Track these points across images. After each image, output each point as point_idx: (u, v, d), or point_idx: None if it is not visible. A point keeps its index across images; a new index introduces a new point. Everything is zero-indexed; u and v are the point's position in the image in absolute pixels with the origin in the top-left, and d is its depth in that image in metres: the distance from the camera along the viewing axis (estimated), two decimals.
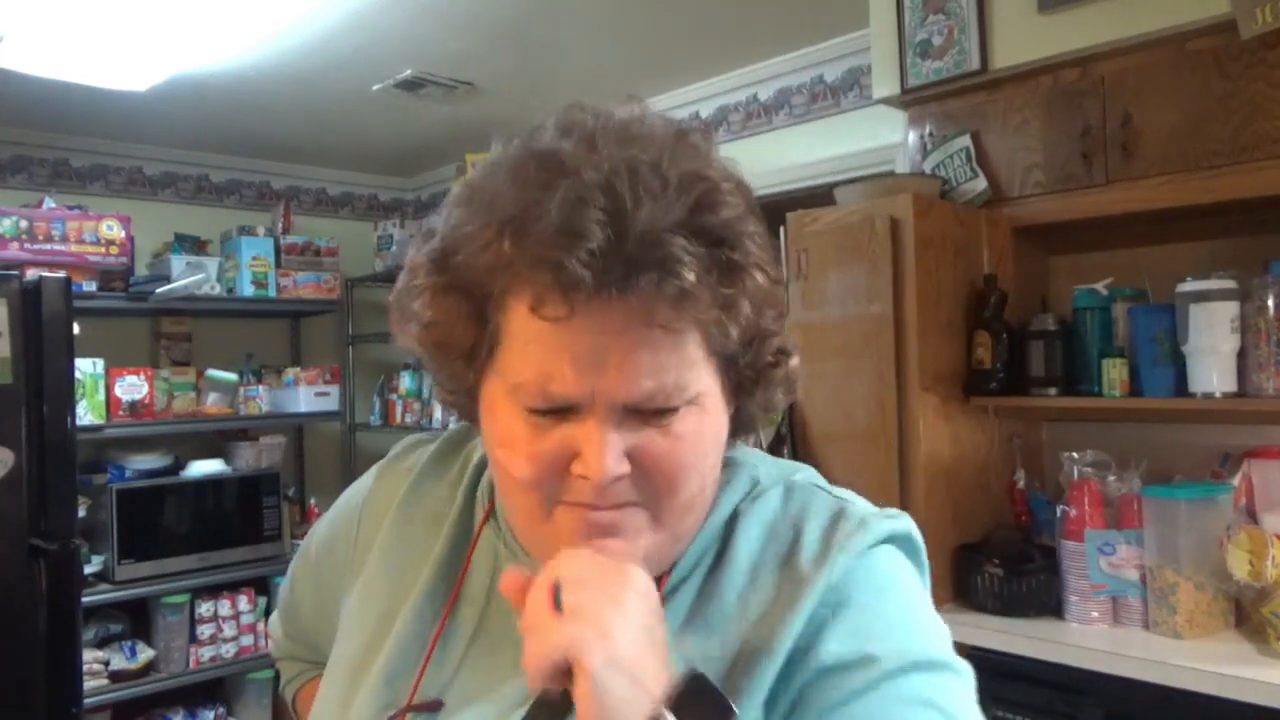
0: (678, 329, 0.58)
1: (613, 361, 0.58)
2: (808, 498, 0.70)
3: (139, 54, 2.80)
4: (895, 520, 0.67)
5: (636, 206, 0.56)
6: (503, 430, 0.63)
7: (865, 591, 0.63)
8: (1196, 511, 1.87)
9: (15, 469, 2.53)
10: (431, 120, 3.65)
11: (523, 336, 0.60)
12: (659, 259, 0.55)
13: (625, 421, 0.60)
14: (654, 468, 0.61)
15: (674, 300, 0.56)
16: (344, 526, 0.83)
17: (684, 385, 0.60)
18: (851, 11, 2.61)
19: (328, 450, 4.31)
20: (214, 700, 3.67)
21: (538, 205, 0.56)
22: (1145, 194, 1.96)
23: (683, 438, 0.61)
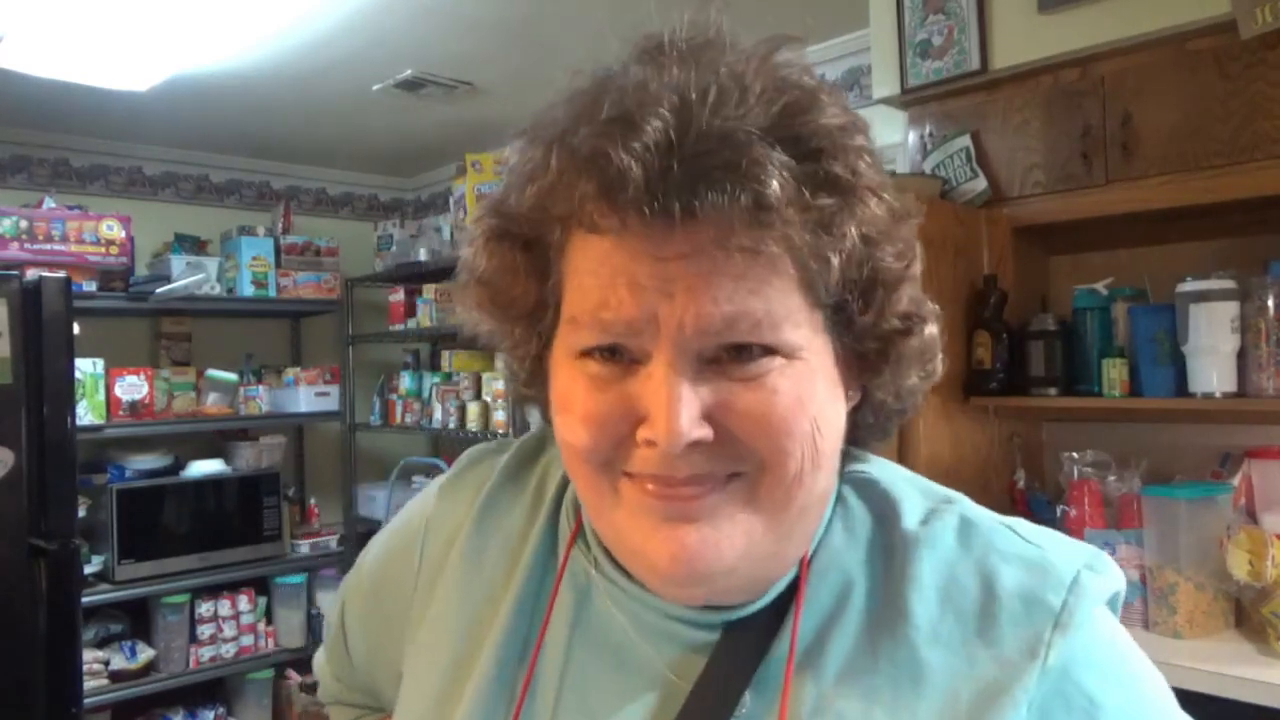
0: (764, 252, 0.47)
1: (680, 287, 0.47)
2: (992, 538, 0.56)
3: (139, 54, 2.80)
4: (1106, 576, 0.54)
5: (708, 106, 0.46)
6: (561, 392, 0.53)
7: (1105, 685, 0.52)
8: (1196, 511, 1.87)
9: (15, 469, 2.53)
10: (431, 120, 3.65)
11: (578, 270, 0.51)
12: (733, 164, 0.45)
13: (703, 375, 0.49)
14: (741, 428, 0.49)
15: (754, 214, 0.46)
16: (402, 555, 0.69)
17: (776, 322, 0.48)
18: (851, 11, 2.61)
19: (328, 450, 4.31)
20: (214, 700, 3.67)
21: (590, 110, 0.49)
22: (1145, 194, 1.96)
23: (779, 389, 0.49)
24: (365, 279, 4.16)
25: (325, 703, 0.85)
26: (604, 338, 0.50)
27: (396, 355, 4.37)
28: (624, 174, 0.46)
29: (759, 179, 0.46)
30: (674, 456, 0.48)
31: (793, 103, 0.49)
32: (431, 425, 3.74)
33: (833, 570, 0.56)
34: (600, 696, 0.57)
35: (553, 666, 0.59)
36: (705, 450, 0.49)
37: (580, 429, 0.51)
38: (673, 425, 0.47)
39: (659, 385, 0.48)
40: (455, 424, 3.60)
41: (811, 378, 0.51)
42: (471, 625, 0.62)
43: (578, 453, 0.52)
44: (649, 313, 0.48)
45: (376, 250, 4.14)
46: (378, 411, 4.09)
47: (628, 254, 0.48)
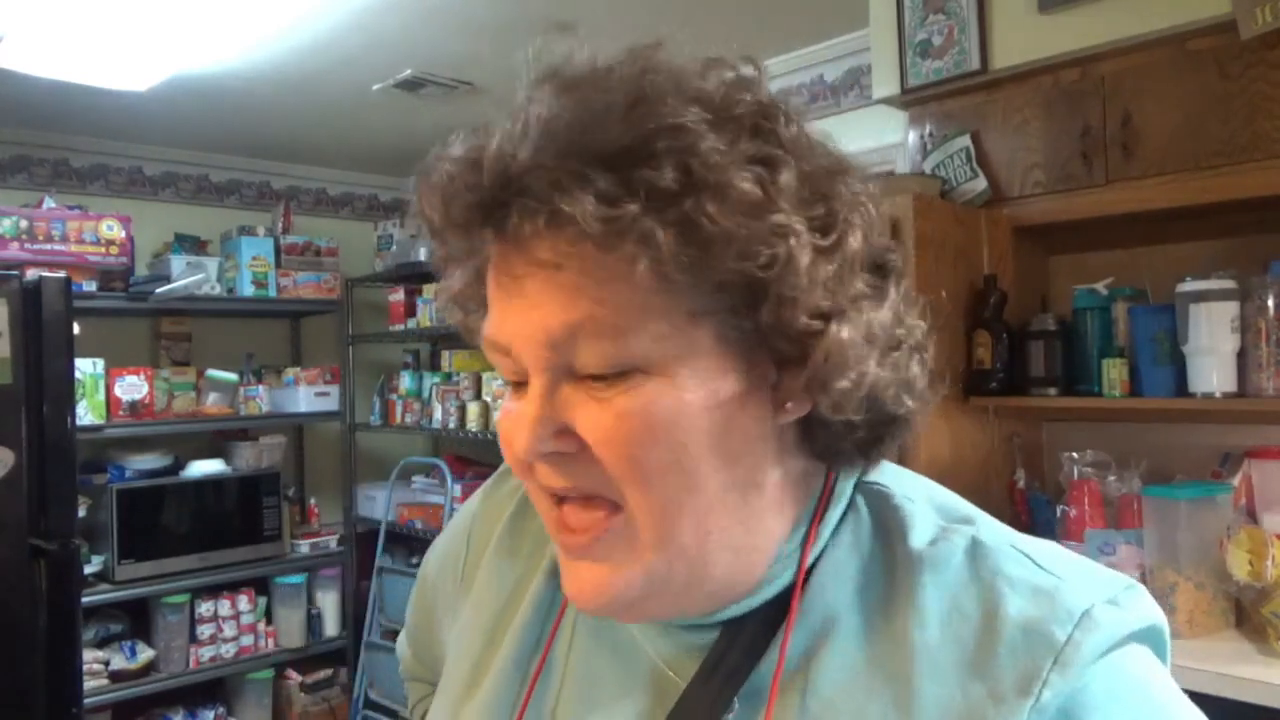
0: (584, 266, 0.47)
1: (522, 304, 0.49)
2: (1003, 563, 0.51)
3: (139, 54, 2.80)
4: (1129, 611, 0.49)
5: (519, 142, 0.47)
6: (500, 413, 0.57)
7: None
8: (1196, 511, 1.87)
9: (15, 469, 2.53)
10: (431, 120, 3.65)
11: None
12: (543, 190, 0.46)
13: (569, 392, 0.49)
14: (597, 448, 0.49)
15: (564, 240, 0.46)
16: (453, 550, 0.75)
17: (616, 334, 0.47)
18: (851, 11, 2.61)
19: (328, 450, 4.31)
20: (214, 700, 3.67)
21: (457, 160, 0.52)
22: (1145, 194, 1.96)
23: (630, 414, 0.48)
24: (365, 279, 4.16)
25: (405, 678, 0.91)
26: (495, 357, 0.53)
27: (396, 355, 4.36)
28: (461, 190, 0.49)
29: (566, 195, 0.45)
30: (543, 469, 0.51)
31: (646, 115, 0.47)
32: (431, 425, 3.74)
33: (833, 581, 0.54)
34: (601, 688, 0.59)
35: (561, 656, 0.62)
36: (581, 464, 0.50)
37: (506, 450, 0.53)
38: (522, 438, 0.50)
39: (524, 399, 0.50)
40: (455, 424, 3.60)
41: (677, 391, 0.48)
42: (499, 615, 0.66)
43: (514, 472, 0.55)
44: (509, 333, 0.50)
45: (376, 250, 4.14)
46: (378, 411, 4.09)
47: (495, 275, 0.51)
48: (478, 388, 3.60)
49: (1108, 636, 0.48)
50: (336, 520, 4.16)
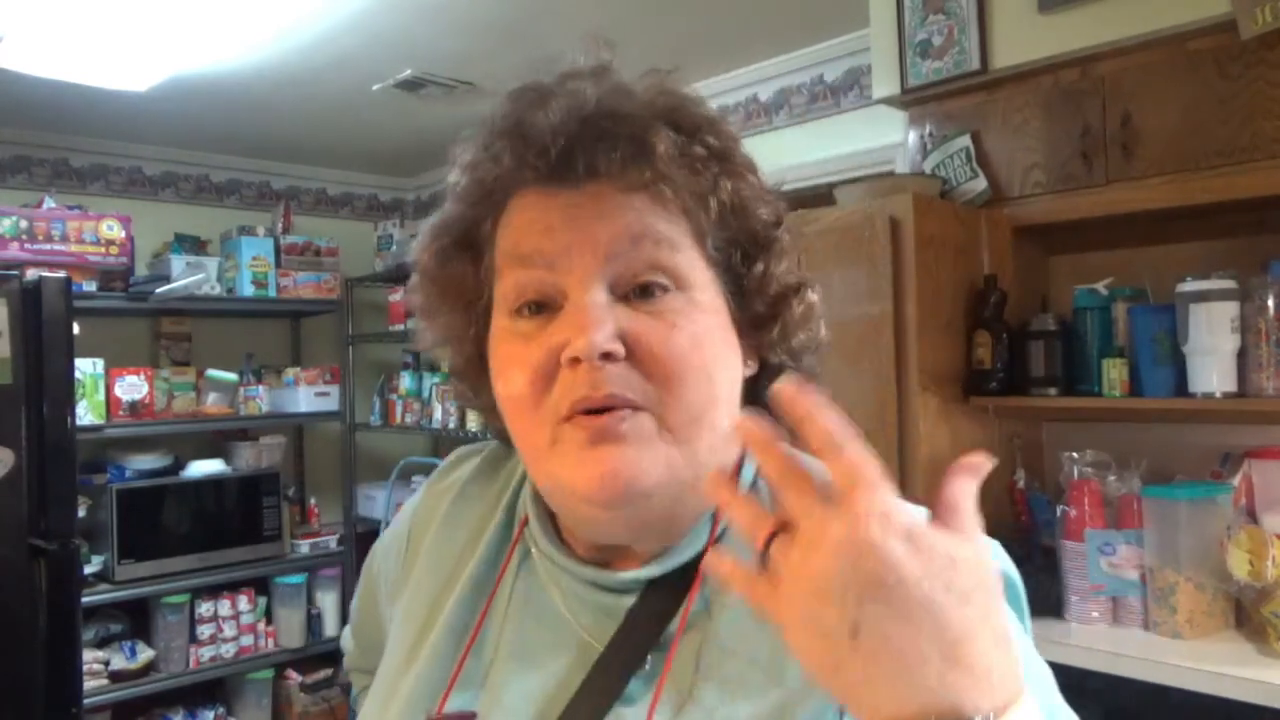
0: (656, 190, 0.57)
1: (589, 221, 0.57)
2: None
3: (139, 54, 2.80)
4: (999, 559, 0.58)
5: (604, 97, 0.58)
6: (498, 358, 0.61)
7: None
8: (1196, 511, 1.87)
9: (15, 469, 2.53)
10: (431, 120, 3.65)
11: (504, 232, 0.61)
12: (626, 130, 0.56)
13: (614, 304, 0.57)
14: (649, 354, 0.56)
15: (644, 166, 0.56)
16: (396, 542, 0.80)
17: (675, 246, 0.57)
18: (851, 11, 2.61)
19: (328, 450, 4.31)
20: (214, 700, 3.67)
21: (508, 101, 0.60)
22: (1145, 194, 1.96)
23: (679, 325, 0.57)
24: (365, 279, 4.16)
25: (348, 669, 0.96)
26: (524, 274, 0.58)
27: (396, 355, 4.36)
28: (534, 130, 0.57)
29: (647, 137, 0.57)
30: (594, 371, 0.55)
31: (673, 101, 0.60)
32: (431, 425, 3.74)
33: (736, 544, 0.58)
34: (532, 654, 0.65)
35: (496, 631, 0.68)
36: (619, 370, 0.55)
37: (517, 377, 0.58)
38: (590, 335, 0.54)
39: (577, 308, 0.56)
40: (455, 424, 3.60)
41: (707, 321, 0.58)
42: (436, 595, 0.71)
43: (518, 402, 0.59)
44: (563, 245, 0.57)
45: (376, 250, 4.14)
46: (378, 411, 4.10)
47: (541, 206, 0.58)
48: None
49: None
50: (336, 520, 4.17)
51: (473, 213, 0.63)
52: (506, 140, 0.59)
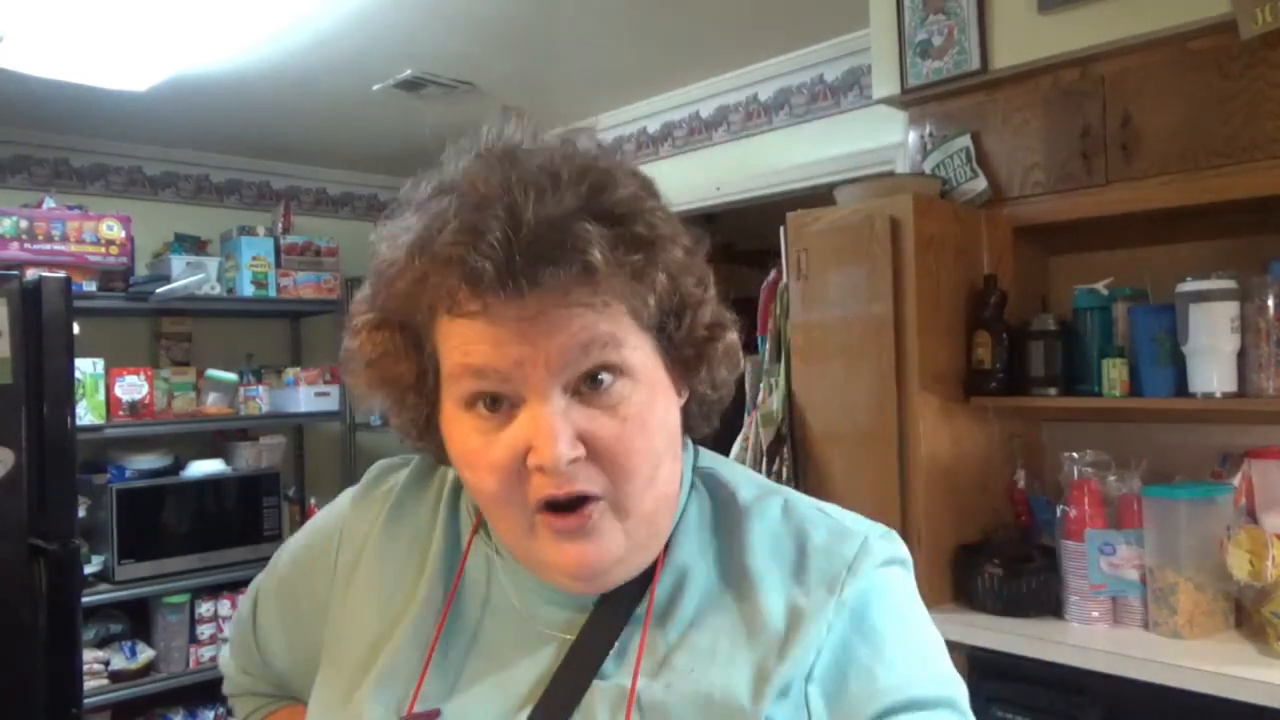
0: (597, 304, 0.60)
1: (538, 335, 0.59)
2: (806, 513, 0.71)
3: (139, 54, 2.80)
4: (892, 543, 0.69)
5: (532, 201, 0.59)
6: (459, 448, 0.64)
7: (888, 622, 0.65)
8: (1196, 511, 1.87)
9: (15, 469, 2.52)
10: (431, 120, 3.65)
11: (450, 338, 0.62)
12: (561, 243, 0.58)
13: (570, 406, 0.61)
14: (607, 451, 0.61)
15: (585, 279, 0.59)
16: (319, 556, 0.81)
17: (619, 342, 0.61)
18: (851, 11, 2.61)
19: (328, 450, 4.31)
20: (214, 700, 3.67)
21: (439, 219, 0.61)
22: (1145, 194, 1.96)
23: (630, 417, 0.62)
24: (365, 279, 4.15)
25: (232, 694, 0.94)
26: (481, 384, 0.61)
27: None
28: (479, 270, 0.57)
29: (584, 250, 0.58)
30: (559, 474, 0.60)
31: (595, 183, 0.61)
32: None
33: (686, 543, 0.70)
34: (503, 652, 0.69)
35: (462, 633, 0.71)
36: (580, 468, 0.61)
37: (487, 477, 0.62)
38: (555, 448, 0.59)
39: (539, 419, 0.60)
40: None
41: (652, 396, 0.64)
42: (386, 607, 0.73)
43: (493, 498, 0.63)
44: (515, 360, 0.60)
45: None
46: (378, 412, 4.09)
47: (489, 321, 0.59)
48: None
49: (879, 555, 0.67)
50: None
51: (409, 311, 0.64)
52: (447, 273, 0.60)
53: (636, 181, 0.65)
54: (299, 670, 0.82)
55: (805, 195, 2.91)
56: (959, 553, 2.11)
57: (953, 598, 2.10)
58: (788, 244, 2.29)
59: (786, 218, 2.30)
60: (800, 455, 2.25)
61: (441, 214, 0.61)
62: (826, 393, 2.18)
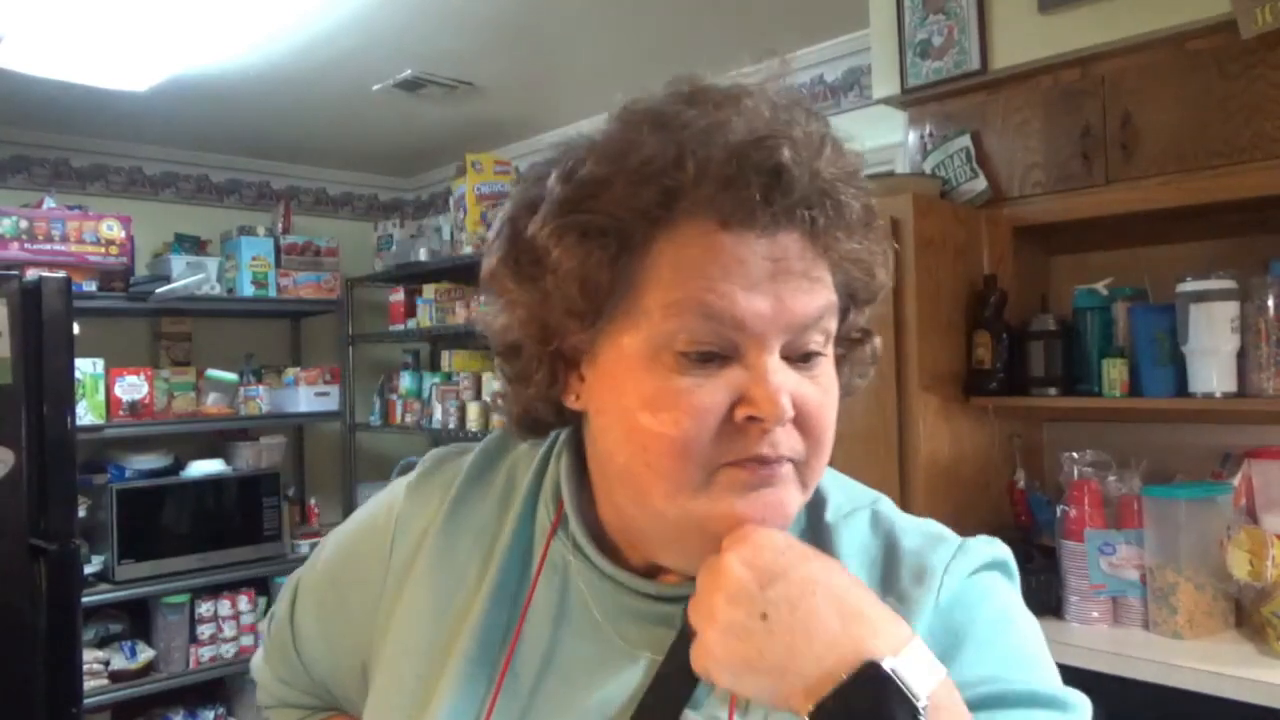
0: (840, 262, 0.59)
1: (782, 288, 0.56)
2: (895, 522, 0.67)
3: (139, 54, 2.80)
4: (995, 546, 0.65)
5: (806, 153, 0.56)
6: (649, 391, 0.56)
7: (982, 622, 0.61)
8: (1196, 511, 1.87)
9: (15, 469, 2.53)
10: (431, 120, 3.65)
11: (680, 260, 0.56)
12: (827, 193, 0.56)
13: (786, 368, 0.58)
14: (810, 420, 0.58)
15: (839, 235, 0.58)
16: (371, 552, 0.73)
17: (832, 318, 0.60)
18: (851, 11, 2.61)
19: (328, 450, 4.31)
20: (214, 700, 3.67)
21: (719, 130, 0.55)
22: (1145, 194, 1.96)
23: (828, 390, 0.60)
24: (365, 279, 4.16)
25: (266, 705, 0.86)
26: (706, 327, 0.55)
27: (396, 355, 4.36)
28: (755, 200, 0.54)
29: (848, 205, 0.57)
30: (773, 432, 0.56)
31: (851, 166, 0.59)
32: (431, 425, 3.74)
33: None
34: (582, 672, 0.63)
35: (534, 648, 0.65)
36: (787, 431, 0.58)
37: (687, 421, 0.56)
38: (780, 401, 0.55)
39: (764, 372, 0.56)
40: (455, 424, 3.60)
41: (834, 373, 0.62)
42: (446, 614, 0.66)
43: (678, 444, 0.56)
44: (756, 311, 0.55)
45: (376, 250, 4.14)
46: (378, 411, 4.09)
47: (733, 253, 0.55)
48: (478, 388, 3.60)
49: (976, 559, 0.64)
50: (336, 520, 4.13)
51: (630, 208, 0.56)
52: (721, 184, 0.54)
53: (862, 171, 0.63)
54: (341, 675, 0.75)
55: None
56: None
57: None
58: None
59: None
60: None
61: (718, 123, 0.55)
62: None
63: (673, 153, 0.55)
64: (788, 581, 0.51)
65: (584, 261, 0.57)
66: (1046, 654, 0.62)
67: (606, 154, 0.57)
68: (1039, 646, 0.62)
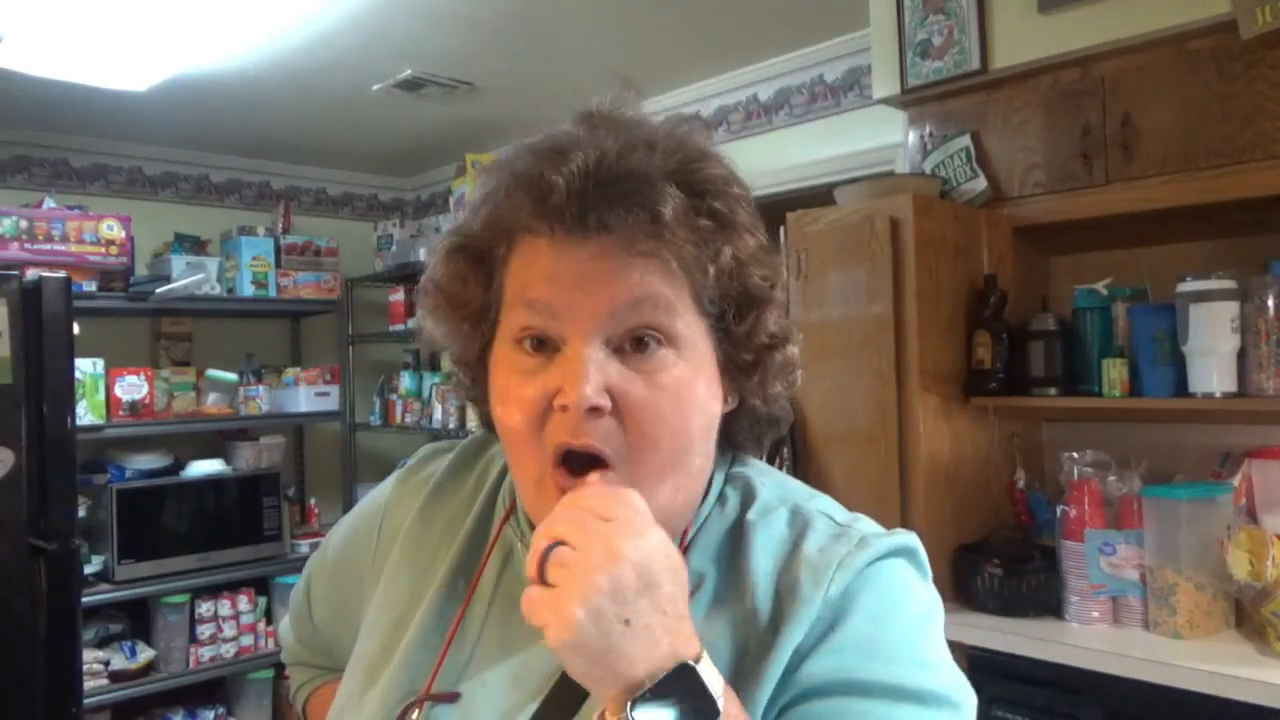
0: (660, 257, 0.60)
1: (594, 280, 0.60)
2: (811, 520, 0.68)
3: (139, 54, 2.80)
4: (897, 535, 0.67)
5: (620, 151, 0.61)
6: (500, 386, 0.65)
7: (863, 612, 0.62)
8: (1196, 511, 1.87)
9: (15, 469, 2.52)
10: (431, 120, 3.65)
11: (515, 269, 0.64)
12: (636, 191, 0.60)
13: (609, 360, 0.61)
14: (633, 411, 0.61)
15: (651, 228, 0.60)
16: (364, 533, 0.84)
17: (672, 308, 0.61)
18: (851, 11, 2.61)
19: (328, 450, 4.30)
20: (214, 700, 3.67)
21: (531, 150, 0.64)
22: (1145, 194, 1.96)
23: (665, 388, 0.62)
24: (365, 279, 4.16)
25: (289, 663, 1.00)
26: (530, 316, 0.62)
27: (396, 355, 4.36)
28: (552, 188, 0.60)
29: (657, 203, 0.60)
30: (579, 420, 0.60)
31: (687, 157, 0.63)
32: (431, 425, 3.74)
33: (703, 547, 0.69)
34: (515, 636, 0.69)
35: (479, 613, 0.72)
36: (602, 424, 0.61)
37: (515, 412, 0.63)
38: (580, 387, 0.59)
39: (572, 359, 0.61)
40: (455, 424, 3.60)
41: (692, 375, 0.63)
42: (415, 585, 0.75)
43: (516, 436, 0.64)
44: (567, 299, 0.61)
45: (376, 250, 4.14)
46: (378, 411, 4.09)
47: (552, 255, 0.61)
48: None
49: (875, 551, 0.65)
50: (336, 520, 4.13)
51: (487, 240, 0.66)
52: (526, 191, 0.62)
53: (729, 169, 0.66)
54: (344, 645, 0.83)
55: (805, 195, 2.90)
56: (959, 553, 2.11)
57: (953, 598, 2.09)
58: (787, 244, 2.29)
59: (786, 218, 2.30)
60: (800, 455, 2.25)
61: (535, 146, 0.64)
62: (826, 393, 2.18)
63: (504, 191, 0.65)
64: (657, 594, 0.53)
65: (455, 275, 0.68)
66: (930, 645, 0.63)
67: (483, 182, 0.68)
68: (922, 637, 0.63)
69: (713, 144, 0.67)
